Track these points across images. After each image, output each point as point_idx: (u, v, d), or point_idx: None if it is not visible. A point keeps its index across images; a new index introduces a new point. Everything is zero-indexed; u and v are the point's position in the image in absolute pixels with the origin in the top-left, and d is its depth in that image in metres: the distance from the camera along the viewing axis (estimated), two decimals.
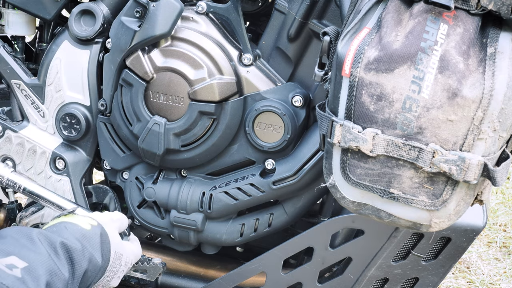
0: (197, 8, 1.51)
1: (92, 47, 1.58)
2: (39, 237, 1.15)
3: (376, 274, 1.53)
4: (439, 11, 1.07)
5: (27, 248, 1.12)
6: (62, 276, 1.13)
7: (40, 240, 1.15)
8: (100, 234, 1.28)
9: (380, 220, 1.19)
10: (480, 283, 2.49)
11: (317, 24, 1.47)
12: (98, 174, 2.50)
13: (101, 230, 1.29)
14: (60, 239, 1.18)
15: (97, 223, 1.30)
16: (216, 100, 1.48)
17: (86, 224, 1.28)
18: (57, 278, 1.12)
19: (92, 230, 1.27)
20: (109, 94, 1.57)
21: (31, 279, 1.06)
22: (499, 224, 2.90)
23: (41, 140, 1.63)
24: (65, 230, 1.23)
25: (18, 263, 1.08)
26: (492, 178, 1.09)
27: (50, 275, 1.11)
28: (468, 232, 1.47)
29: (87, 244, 1.23)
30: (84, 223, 1.28)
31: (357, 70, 1.10)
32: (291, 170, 1.51)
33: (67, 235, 1.21)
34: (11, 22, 1.65)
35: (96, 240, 1.26)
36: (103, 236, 1.29)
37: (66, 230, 1.23)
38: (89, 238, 1.24)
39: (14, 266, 1.06)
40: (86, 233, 1.24)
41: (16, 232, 1.15)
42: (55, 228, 1.24)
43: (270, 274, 1.58)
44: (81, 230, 1.25)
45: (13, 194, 1.75)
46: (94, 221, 1.31)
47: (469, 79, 1.06)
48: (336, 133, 1.14)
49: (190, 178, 1.60)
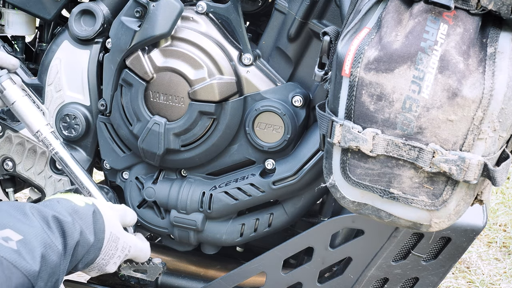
0: (197, 8, 1.51)
1: (92, 47, 1.58)
2: (32, 211, 1.16)
3: (376, 274, 1.53)
4: (439, 11, 1.08)
5: (21, 222, 1.13)
6: (56, 249, 1.14)
7: (33, 213, 1.16)
8: (93, 212, 1.27)
9: (380, 220, 1.19)
10: (480, 283, 2.49)
11: (317, 24, 1.47)
12: (98, 174, 2.50)
13: (94, 208, 1.28)
14: (52, 212, 1.18)
15: (92, 203, 1.30)
16: (216, 100, 1.48)
17: (79, 201, 1.27)
18: (51, 250, 1.13)
19: (85, 207, 1.26)
20: (109, 94, 1.57)
21: (26, 252, 1.07)
22: (499, 224, 2.90)
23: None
24: (57, 204, 1.23)
25: (13, 235, 1.08)
26: (492, 178, 1.09)
27: (45, 247, 1.12)
28: (468, 232, 1.47)
29: (78, 218, 1.22)
30: (77, 200, 1.27)
31: (357, 70, 1.10)
32: (291, 170, 1.51)
33: (59, 209, 1.21)
34: (11, 22, 1.65)
35: (88, 217, 1.25)
36: (96, 215, 1.28)
37: (58, 204, 1.23)
38: (81, 213, 1.24)
39: (9, 238, 1.07)
40: (78, 209, 1.24)
41: (10, 206, 1.16)
42: (48, 202, 1.24)
43: (270, 274, 1.58)
44: (73, 205, 1.24)
45: (13, 194, 1.75)
46: (89, 200, 1.30)
47: (469, 79, 1.06)
48: (336, 133, 1.14)
49: (190, 178, 1.60)
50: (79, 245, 1.21)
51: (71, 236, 1.18)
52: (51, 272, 1.12)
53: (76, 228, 1.20)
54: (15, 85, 1.43)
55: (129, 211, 1.44)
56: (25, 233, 1.10)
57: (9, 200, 1.75)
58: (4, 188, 1.75)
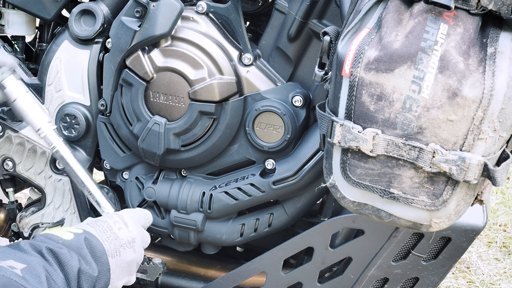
0: (197, 8, 1.51)
1: (92, 47, 1.58)
2: (25, 246, 1.19)
3: (376, 274, 1.53)
4: (439, 11, 1.07)
5: (20, 254, 1.16)
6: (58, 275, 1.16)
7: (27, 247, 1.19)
8: (85, 239, 1.26)
9: (380, 220, 1.19)
10: (480, 283, 2.49)
11: (317, 24, 1.47)
12: (98, 174, 2.50)
13: (85, 235, 1.27)
14: (44, 244, 1.21)
15: (81, 230, 1.29)
16: (216, 100, 1.48)
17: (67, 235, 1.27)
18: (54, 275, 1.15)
19: (74, 238, 1.26)
20: (109, 94, 1.57)
21: (32, 277, 1.11)
22: (499, 224, 2.90)
23: (41, 140, 1.63)
24: (46, 239, 1.25)
25: (16, 265, 1.12)
26: (492, 178, 1.09)
27: (48, 272, 1.15)
28: (468, 232, 1.47)
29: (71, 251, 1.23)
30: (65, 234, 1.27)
31: (357, 70, 1.10)
32: (291, 170, 1.51)
33: (50, 242, 1.23)
34: (11, 22, 1.65)
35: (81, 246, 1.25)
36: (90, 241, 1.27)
37: (47, 239, 1.24)
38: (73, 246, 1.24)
39: (13, 267, 1.11)
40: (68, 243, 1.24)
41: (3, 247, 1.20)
42: (38, 238, 1.26)
43: (270, 274, 1.58)
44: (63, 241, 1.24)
45: (13, 194, 1.75)
46: (77, 229, 1.30)
47: (469, 79, 1.06)
48: (336, 133, 1.14)
49: (190, 178, 1.60)
50: (82, 274, 1.21)
51: (68, 264, 1.20)
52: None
53: (73, 257, 1.21)
54: (18, 81, 1.42)
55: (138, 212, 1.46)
56: (27, 262, 1.13)
57: (9, 200, 1.75)
58: (4, 188, 1.75)
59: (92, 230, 1.31)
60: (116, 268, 1.30)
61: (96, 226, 1.33)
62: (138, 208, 1.54)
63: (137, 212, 1.46)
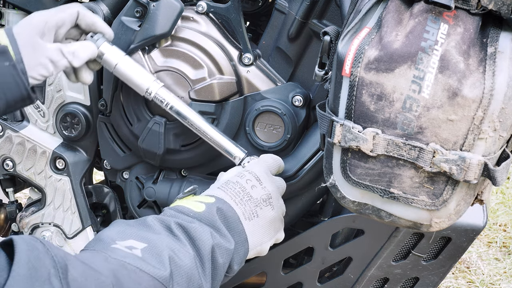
0: (197, 8, 1.51)
1: None
2: (153, 221, 1.13)
3: (376, 274, 1.53)
4: (439, 10, 1.08)
5: (143, 231, 1.10)
6: (185, 252, 1.09)
7: (154, 223, 1.13)
8: (217, 209, 1.20)
9: (381, 220, 1.19)
10: (480, 283, 2.49)
11: (317, 24, 1.47)
12: (98, 174, 2.50)
13: (217, 205, 1.20)
14: (173, 219, 1.14)
15: (213, 200, 1.23)
16: (216, 100, 1.48)
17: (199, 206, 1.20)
18: (180, 253, 1.08)
19: (206, 211, 1.18)
20: (109, 94, 1.57)
21: (152, 257, 1.04)
22: (499, 224, 2.91)
23: (41, 139, 1.63)
24: (177, 213, 1.18)
25: (137, 244, 1.06)
26: (493, 177, 1.09)
27: (172, 251, 1.08)
28: (468, 232, 1.47)
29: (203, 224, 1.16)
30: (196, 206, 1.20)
31: (357, 69, 1.10)
32: (291, 170, 1.51)
33: (180, 216, 1.17)
34: (11, 22, 1.65)
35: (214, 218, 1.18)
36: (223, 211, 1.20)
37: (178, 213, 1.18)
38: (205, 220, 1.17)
39: (133, 247, 1.05)
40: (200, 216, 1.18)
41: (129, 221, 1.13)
42: (168, 211, 1.19)
43: (270, 274, 1.58)
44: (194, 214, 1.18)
45: (13, 194, 1.75)
46: (209, 198, 1.23)
47: (470, 79, 1.06)
48: (337, 133, 1.14)
49: (190, 178, 1.60)
50: (217, 247, 1.15)
51: (200, 239, 1.13)
52: (188, 277, 1.08)
53: (205, 230, 1.15)
54: (113, 46, 1.40)
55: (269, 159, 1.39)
56: (148, 241, 1.07)
57: (9, 200, 1.75)
58: (4, 188, 1.75)
59: (224, 196, 1.25)
60: (257, 231, 1.24)
61: (228, 190, 1.27)
62: (266, 156, 1.42)
63: (267, 161, 1.39)
